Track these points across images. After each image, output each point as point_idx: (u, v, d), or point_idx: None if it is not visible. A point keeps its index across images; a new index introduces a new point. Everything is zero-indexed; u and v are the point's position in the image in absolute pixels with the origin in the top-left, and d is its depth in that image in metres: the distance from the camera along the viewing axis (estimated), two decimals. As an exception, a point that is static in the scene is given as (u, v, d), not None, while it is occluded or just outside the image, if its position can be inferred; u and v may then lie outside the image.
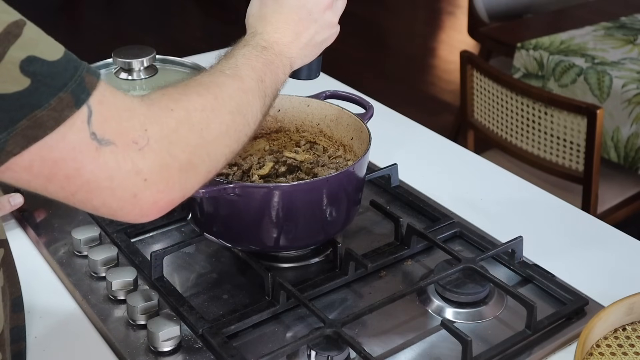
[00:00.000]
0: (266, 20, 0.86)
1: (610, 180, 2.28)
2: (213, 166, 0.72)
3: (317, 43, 0.90)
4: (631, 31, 2.65)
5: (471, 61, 2.28)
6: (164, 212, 0.67)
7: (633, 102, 2.22)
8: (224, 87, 0.74)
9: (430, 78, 4.36)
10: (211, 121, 0.70)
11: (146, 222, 0.67)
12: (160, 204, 0.66)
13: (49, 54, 0.58)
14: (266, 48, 0.83)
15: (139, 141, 0.62)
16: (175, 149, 0.65)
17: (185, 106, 0.68)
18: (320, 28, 0.89)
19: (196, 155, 0.68)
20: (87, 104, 0.59)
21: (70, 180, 0.61)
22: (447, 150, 1.42)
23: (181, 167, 0.66)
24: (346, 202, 0.99)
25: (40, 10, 5.16)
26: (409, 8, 5.47)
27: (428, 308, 0.97)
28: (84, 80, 0.59)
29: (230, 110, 0.73)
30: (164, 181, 0.65)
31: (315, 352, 0.86)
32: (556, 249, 1.10)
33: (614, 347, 0.87)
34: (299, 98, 1.12)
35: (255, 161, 1.07)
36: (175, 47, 0.96)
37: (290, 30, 0.86)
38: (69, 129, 0.58)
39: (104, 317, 0.94)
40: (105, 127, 0.60)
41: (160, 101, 0.67)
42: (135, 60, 1.15)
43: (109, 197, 0.63)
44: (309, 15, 0.87)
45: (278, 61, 0.83)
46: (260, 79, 0.79)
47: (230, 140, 0.73)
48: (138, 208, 0.64)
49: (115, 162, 0.61)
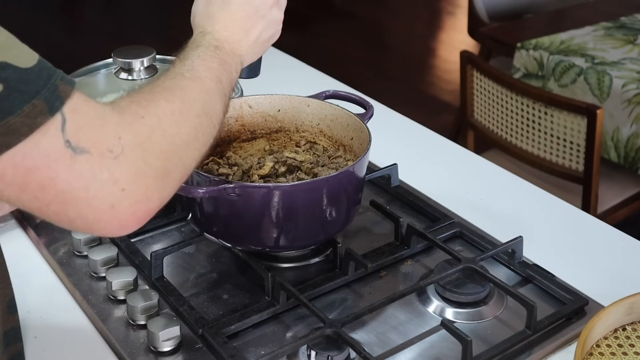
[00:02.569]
0: (214, 18, 0.86)
1: (610, 180, 2.28)
2: (186, 172, 0.71)
3: (265, 40, 0.89)
4: (631, 31, 2.65)
5: (471, 61, 2.28)
6: (143, 223, 0.65)
7: (633, 102, 2.21)
8: (188, 90, 0.73)
9: (430, 78, 4.36)
10: (181, 126, 0.69)
11: (127, 233, 0.65)
12: (138, 215, 0.64)
13: (22, 60, 0.57)
14: (218, 47, 0.82)
15: (114, 149, 0.61)
16: (150, 156, 0.64)
17: (155, 112, 0.67)
18: (267, 25, 0.89)
19: (170, 161, 0.67)
20: (60, 111, 0.58)
21: (44, 190, 0.59)
22: (447, 150, 1.42)
23: (157, 175, 0.65)
24: (346, 202, 0.99)
25: (40, 10, 5.17)
26: (409, 8, 5.47)
27: (428, 308, 0.97)
28: (58, 89, 0.58)
29: (198, 113, 0.72)
30: (141, 190, 0.63)
31: (315, 352, 0.86)
32: (556, 249, 1.10)
33: (614, 347, 0.87)
34: (299, 98, 1.12)
35: (255, 161, 1.07)
36: (175, 47, 0.97)
37: (238, 27, 0.86)
38: (42, 136, 0.57)
39: (104, 317, 0.94)
40: (80, 135, 0.59)
41: (129, 108, 0.66)
42: (135, 60, 1.15)
43: (85, 209, 0.61)
44: (257, 12, 0.87)
45: (230, 60, 0.83)
46: (218, 79, 0.78)
47: (199, 143, 0.72)
48: (116, 220, 0.62)
49: (90, 171, 0.59)
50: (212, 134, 0.75)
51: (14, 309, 0.80)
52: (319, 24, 5.03)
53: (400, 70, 4.41)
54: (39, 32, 4.74)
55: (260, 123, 1.13)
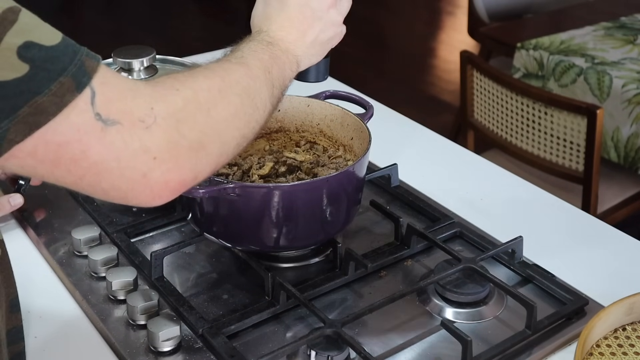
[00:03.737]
0: (270, 19, 0.86)
1: (610, 180, 2.28)
2: (224, 149, 0.70)
3: (323, 42, 0.89)
4: (631, 31, 2.65)
5: (471, 61, 2.28)
6: (177, 194, 0.66)
7: (633, 102, 2.21)
8: (231, 71, 0.73)
9: (430, 78, 4.36)
10: (218, 102, 0.69)
11: (159, 204, 0.65)
12: (171, 184, 0.64)
13: (47, 39, 0.57)
14: (272, 44, 0.83)
15: (146, 119, 0.61)
16: (184, 127, 0.64)
17: (192, 86, 0.67)
18: (324, 26, 0.89)
19: (206, 134, 0.67)
20: (89, 86, 0.58)
21: (77, 163, 0.59)
22: (447, 150, 1.42)
23: (191, 146, 0.65)
24: (346, 202, 0.99)
25: (40, 10, 5.14)
26: (409, 8, 5.47)
27: (428, 308, 0.97)
28: (84, 64, 0.58)
29: (238, 93, 0.72)
30: (173, 159, 0.63)
31: (315, 352, 0.86)
32: (556, 249, 1.10)
33: (614, 347, 0.87)
34: (299, 98, 1.12)
35: (255, 161, 1.07)
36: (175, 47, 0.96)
37: (294, 28, 0.86)
38: (71, 111, 0.57)
39: (104, 317, 0.94)
40: (110, 107, 0.59)
41: (165, 82, 0.67)
42: (135, 60, 1.15)
43: (118, 179, 0.61)
44: (313, 14, 0.87)
45: (284, 57, 0.83)
46: (267, 69, 0.78)
47: (240, 122, 0.72)
48: (149, 189, 0.63)
49: (122, 141, 0.60)
50: (257, 118, 0.75)
51: (17, 309, 0.80)
52: (319, 24, 5.01)
53: (400, 70, 4.41)
54: (39, 32, 4.73)
55: (260, 123, 1.12)
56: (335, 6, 0.90)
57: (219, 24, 5.15)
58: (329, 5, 0.88)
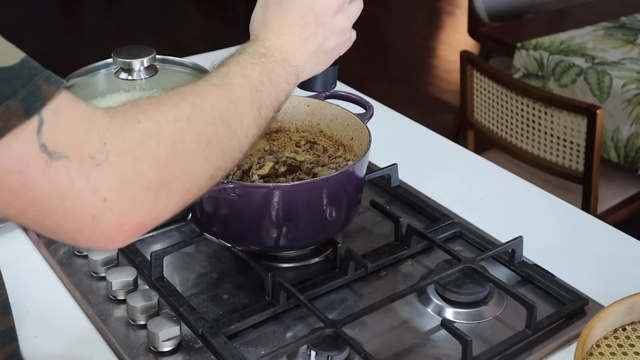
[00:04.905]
0: (269, 25, 0.80)
1: (610, 180, 2.28)
2: (193, 185, 0.64)
3: (328, 50, 0.83)
4: (631, 31, 2.65)
5: (471, 61, 2.28)
6: (134, 238, 0.60)
7: (633, 102, 2.22)
8: (206, 96, 0.67)
9: (430, 78, 4.36)
10: (187, 133, 0.62)
11: (116, 248, 0.59)
12: (126, 228, 0.58)
13: (3, 59, 0.54)
14: (265, 55, 0.77)
15: (97, 155, 0.55)
16: (141, 164, 0.58)
17: (156, 117, 0.61)
18: (329, 33, 0.82)
19: (168, 171, 0.61)
20: (39, 113, 0.53)
21: (17, 197, 0.54)
22: (447, 150, 1.42)
23: (150, 186, 0.59)
24: (346, 202, 0.99)
25: (40, 10, 5.16)
26: (409, 8, 5.47)
27: (428, 308, 0.97)
28: (40, 89, 0.54)
29: (211, 122, 0.65)
30: (127, 201, 0.57)
31: (315, 352, 0.86)
32: (556, 249, 1.10)
33: (614, 347, 0.87)
34: (299, 98, 1.12)
35: (255, 161, 1.07)
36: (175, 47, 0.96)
37: (295, 36, 0.80)
38: (14, 139, 0.52)
39: (104, 317, 0.94)
40: (58, 139, 0.54)
41: (127, 112, 0.60)
42: (135, 60, 1.15)
43: (63, 218, 0.56)
44: (317, 20, 0.81)
45: (280, 69, 0.77)
46: (254, 88, 0.72)
47: (213, 154, 0.65)
48: (99, 232, 0.57)
49: (67, 178, 0.54)
50: (236, 147, 0.69)
51: (8, 310, 0.79)
52: (319, 24, 5.01)
53: (400, 70, 4.41)
54: (39, 32, 4.74)
55: (260, 123, 1.12)
56: (342, 11, 0.83)
57: (219, 24, 5.15)
58: (335, 11, 0.82)
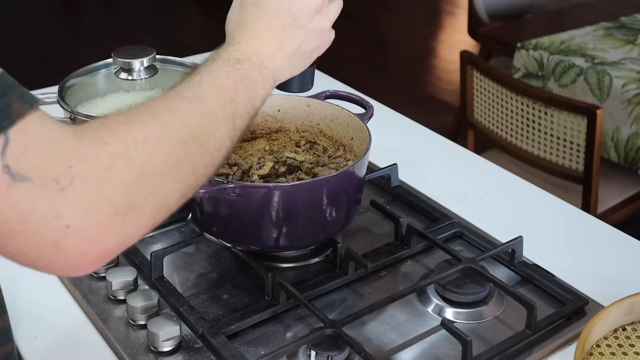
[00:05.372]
0: (246, 27, 0.78)
1: (610, 180, 2.28)
2: (163, 205, 0.62)
3: (306, 52, 0.81)
4: (631, 31, 2.65)
5: (471, 61, 2.28)
6: (100, 265, 0.58)
7: (633, 102, 2.22)
8: (177, 112, 0.64)
9: (430, 78, 4.36)
10: (155, 154, 0.60)
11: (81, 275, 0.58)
12: (91, 255, 0.56)
13: None
14: (240, 61, 0.74)
15: (61, 179, 0.53)
16: (107, 188, 0.56)
17: (124, 138, 0.58)
18: (308, 35, 0.80)
19: (136, 194, 0.58)
20: (5, 132, 0.51)
21: None
22: (447, 150, 1.42)
23: (116, 211, 0.56)
24: (346, 202, 0.99)
25: (40, 10, 5.17)
26: (409, 8, 5.47)
27: (428, 308, 0.97)
28: (11, 107, 0.52)
29: (182, 140, 0.63)
30: (92, 228, 0.55)
31: (315, 352, 0.86)
32: (556, 249, 1.10)
33: (614, 347, 0.87)
34: (299, 98, 1.12)
35: (255, 161, 1.07)
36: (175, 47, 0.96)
37: (272, 38, 0.78)
38: None
39: (104, 317, 0.94)
40: (22, 160, 0.52)
41: (95, 133, 0.58)
42: (135, 60, 1.15)
43: (25, 244, 0.54)
44: (295, 21, 0.79)
45: (256, 75, 0.75)
46: (228, 98, 0.70)
47: (183, 173, 0.63)
48: (62, 259, 0.55)
49: (29, 202, 0.52)
50: (209, 162, 0.67)
51: (3, 310, 0.79)
52: (319, 24, 5.01)
53: (400, 70, 4.42)
54: (39, 32, 4.74)
55: (260, 123, 1.13)
56: (322, 12, 0.81)
57: (219, 24, 5.14)
58: (314, 12, 0.80)
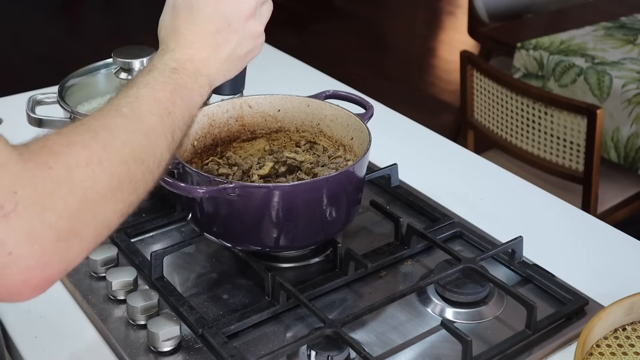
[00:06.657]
0: (179, 33, 0.77)
1: (610, 180, 2.28)
2: (103, 227, 0.61)
3: (240, 56, 0.81)
4: (631, 31, 2.65)
5: (471, 61, 2.28)
6: (43, 291, 0.57)
7: (633, 102, 2.22)
8: (117, 131, 0.63)
9: (430, 78, 4.36)
10: (98, 177, 0.59)
11: (23, 301, 0.57)
12: (34, 282, 0.55)
13: None
14: (177, 70, 0.74)
15: (5, 205, 0.52)
16: (51, 215, 0.54)
17: (66, 162, 0.57)
18: (242, 39, 0.80)
19: (79, 219, 0.57)
20: None
21: None
22: (447, 150, 1.42)
23: (59, 237, 0.55)
24: (346, 202, 0.99)
25: (40, 10, 5.17)
26: (409, 8, 5.47)
27: (428, 308, 0.97)
28: None
29: (124, 160, 0.62)
30: (35, 255, 0.54)
31: (315, 352, 0.86)
32: (556, 249, 1.10)
33: (614, 347, 0.87)
34: (299, 98, 1.12)
35: (255, 161, 1.07)
36: (175, 47, 0.97)
37: (206, 44, 0.77)
38: None
39: (104, 317, 0.94)
40: None
41: (39, 155, 0.56)
42: (135, 60, 1.15)
43: None
44: (229, 26, 0.79)
45: (192, 83, 0.74)
46: (166, 112, 0.69)
47: (125, 193, 0.62)
48: (3, 287, 0.54)
49: None
50: (149, 179, 0.66)
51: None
52: (319, 24, 5.03)
53: (400, 70, 4.42)
54: (39, 32, 4.74)
55: (260, 123, 1.13)
56: (254, 16, 0.81)
57: (219, 24, 5.14)
58: (247, 16, 0.80)
